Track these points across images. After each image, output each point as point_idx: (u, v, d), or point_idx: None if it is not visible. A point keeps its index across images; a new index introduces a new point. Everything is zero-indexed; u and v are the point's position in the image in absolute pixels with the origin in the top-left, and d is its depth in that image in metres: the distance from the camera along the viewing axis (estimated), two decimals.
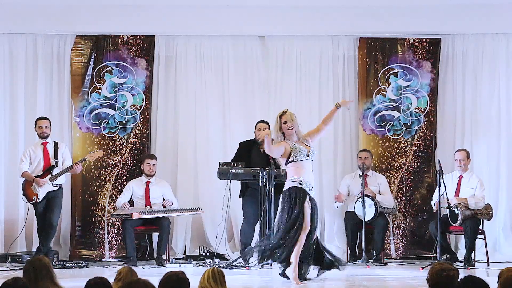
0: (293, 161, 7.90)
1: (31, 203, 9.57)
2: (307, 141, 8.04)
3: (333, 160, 10.46)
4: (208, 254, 9.72)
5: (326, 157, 10.43)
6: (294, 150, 7.91)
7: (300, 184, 7.85)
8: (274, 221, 8.87)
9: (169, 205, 9.82)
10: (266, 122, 9.64)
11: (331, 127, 8.59)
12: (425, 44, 10.39)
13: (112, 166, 10.27)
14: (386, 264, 9.65)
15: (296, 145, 7.94)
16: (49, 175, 9.57)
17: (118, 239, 10.15)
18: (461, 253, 9.87)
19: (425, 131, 10.36)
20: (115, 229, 10.18)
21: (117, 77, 10.34)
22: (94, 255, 10.11)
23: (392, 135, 10.38)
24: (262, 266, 8.98)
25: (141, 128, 10.36)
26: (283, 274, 7.93)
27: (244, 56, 10.52)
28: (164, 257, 9.69)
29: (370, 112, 10.39)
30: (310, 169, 8.03)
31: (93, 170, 10.23)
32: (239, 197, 9.58)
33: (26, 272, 4.83)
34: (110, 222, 10.17)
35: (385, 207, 9.81)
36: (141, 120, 10.35)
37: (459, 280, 4.41)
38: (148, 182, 9.91)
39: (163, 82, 10.51)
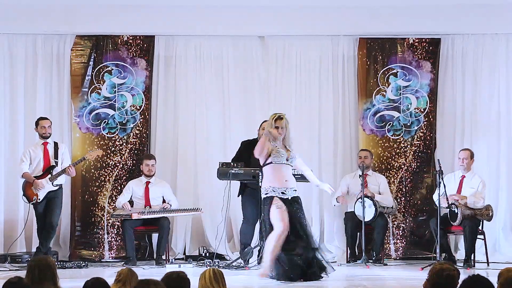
0: (271, 162, 7.97)
1: (31, 204, 9.57)
2: (289, 147, 8.11)
3: (333, 160, 10.46)
4: (207, 254, 9.72)
5: (326, 157, 10.43)
6: (274, 151, 7.98)
7: (283, 193, 7.94)
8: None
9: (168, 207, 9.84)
10: None
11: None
12: (424, 44, 10.39)
13: (112, 167, 10.26)
14: (386, 265, 9.65)
15: (277, 147, 7.99)
16: (49, 175, 9.57)
17: (117, 239, 10.15)
18: (460, 253, 9.87)
19: (425, 131, 10.36)
20: (115, 230, 10.18)
21: (117, 77, 10.34)
22: (93, 256, 10.11)
23: (391, 135, 10.38)
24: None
25: (141, 128, 10.35)
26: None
27: (244, 56, 10.51)
28: (163, 257, 9.69)
29: (369, 112, 10.39)
30: (290, 173, 8.09)
31: (92, 170, 10.23)
32: (238, 196, 9.58)
33: (31, 270, 4.82)
34: (109, 223, 10.17)
35: (385, 206, 9.80)
36: (140, 120, 10.35)
37: (465, 278, 4.40)
38: (147, 183, 9.91)
39: (163, 82, 10.51)
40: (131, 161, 10.29)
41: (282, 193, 7.98)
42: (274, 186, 7.98)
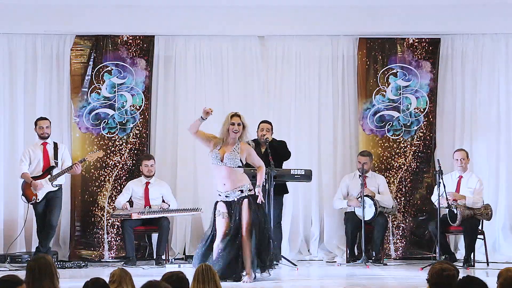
0: (212, 163, 8.02)
1: (31, 204, 9.57)
2: (236, 148, 8.00)
3: (333, 160, 10.46)
4: None
5: (325, 157, 10.43)
6: (211, 152, 7.99)
7: (226, 196, 7.99)
8: (273, 221, 8.94)
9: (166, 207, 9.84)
10: (269, 123, 9.65)
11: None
12: (424, 44, 10.39)
13: (112, 167, 10.26)
14: (386, 264, 9.65)
15: (216, 149, 7.97)
16: (49, 176, 9.57)
17: (117, 239, 10.15)
18: (460, 253, 9.88)
19: (425, 131, 10.36)
20: (115, 229, 10.17)
21: (117, 77, 10.34)
22: (93, 256, 10.11)
23: (391, 135, 10.38)
24: None
25: (141, 129, 10.35)
26: None
27: (243, 56, 10.51)
28: (163, 257, 9.69)
29: (369, 112, 10.39)
30: (227, 175, 7.98)
31: (92, 170, 10.23)
32: None
33: (31, 270, 4.82)
34: (109, 222, 10.17)
35: (385, 206, 9.81)
36: (140, 120, 10.35)
37: (458, 280, 4.42)
38: (147, 183, 9.91)
39: (163, 82, 10.51)
40: (131, 161, 10.29)
41: (226, 196, 8.01)
42: (218, 190, 8.03)
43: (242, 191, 7.98)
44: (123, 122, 10.33)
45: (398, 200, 10.22)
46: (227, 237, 7.92)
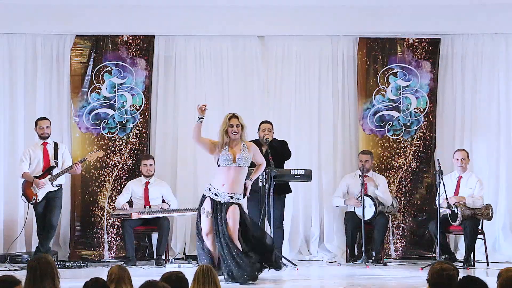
0: (219, 165, 7.96)
1: (31, 203, 9.57)
2: (244, 148, 8.01)
3: (333, 160, 10.46)
4: None
5: (325, 157, 10.44)
6: (221, 154, 7.94)
7: (216, 195, 7.93)
8: (274, 222, 8.94)
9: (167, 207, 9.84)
10: (270, 123, 9.65)
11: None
12: (424, 44, 10.39)
13: (112, 166, 10.27)
14: (386, 264, 9.65)
15: (225, 150, 7.94)
16: (49, 176, 9.57)
17: (117, 239, 10.15)
18: (460, 253, 9.89)
19: (425, 131, 10.36)
20: (115, 229, 10.18)
21: (117, 77, 10.34)
22: (93, 255, 10.11)
23: (391, 135, 10.38)
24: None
25: (141, 128, 10.35)
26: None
27: (243, 56, 10.51)
28: (163, 257, 9.70)
29: (369, 112, 10.39)
30: (234, 176, 7.96)
31: (92, 170, 10.23)
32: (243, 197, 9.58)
33: (32, 269, 4.82)
34: (109, 222, 10.17)
35: (384, 204, 9.80)
36: (140, 120, 10.35)
37: (458, 280, 4.42)
38: (147, 183, 9.92)
39: (163, 82, 10.51)
40: (130, 161, 10.29)
41: (215, 194, 7.96)
42: (212, 186, 8.00)
43: (232, 197, 7.97)
44: (123, 122, 10.33)
45: (398, 200, 10.22)
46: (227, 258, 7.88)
